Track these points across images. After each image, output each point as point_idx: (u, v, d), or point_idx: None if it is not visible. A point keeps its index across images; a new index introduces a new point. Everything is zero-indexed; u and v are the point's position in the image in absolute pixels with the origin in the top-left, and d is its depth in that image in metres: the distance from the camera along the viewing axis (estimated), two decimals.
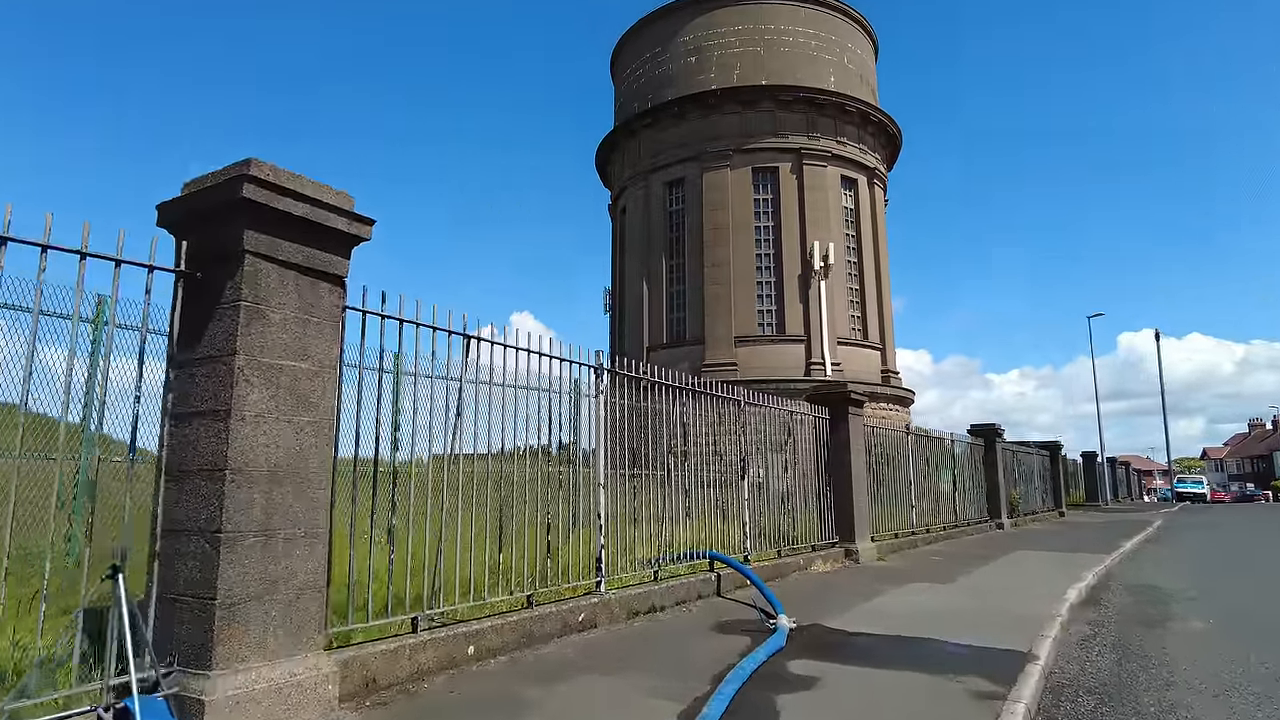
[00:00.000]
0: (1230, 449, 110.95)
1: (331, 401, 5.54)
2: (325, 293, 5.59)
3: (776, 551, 11.87)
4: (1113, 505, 37.52)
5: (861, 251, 40.77)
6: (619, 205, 43.14)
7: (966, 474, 19.32)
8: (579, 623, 7.75)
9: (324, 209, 5.46)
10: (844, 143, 40.17)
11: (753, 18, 40.05)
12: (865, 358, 40.47)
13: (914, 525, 16.51)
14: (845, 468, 13.20)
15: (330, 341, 5.58)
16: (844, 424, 13.22)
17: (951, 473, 18.23)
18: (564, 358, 8.34)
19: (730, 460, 10.97)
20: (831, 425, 13.24)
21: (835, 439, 13.22)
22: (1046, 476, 26.79)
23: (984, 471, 20.58)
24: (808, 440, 12.66)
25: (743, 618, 8.81)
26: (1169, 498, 53.56)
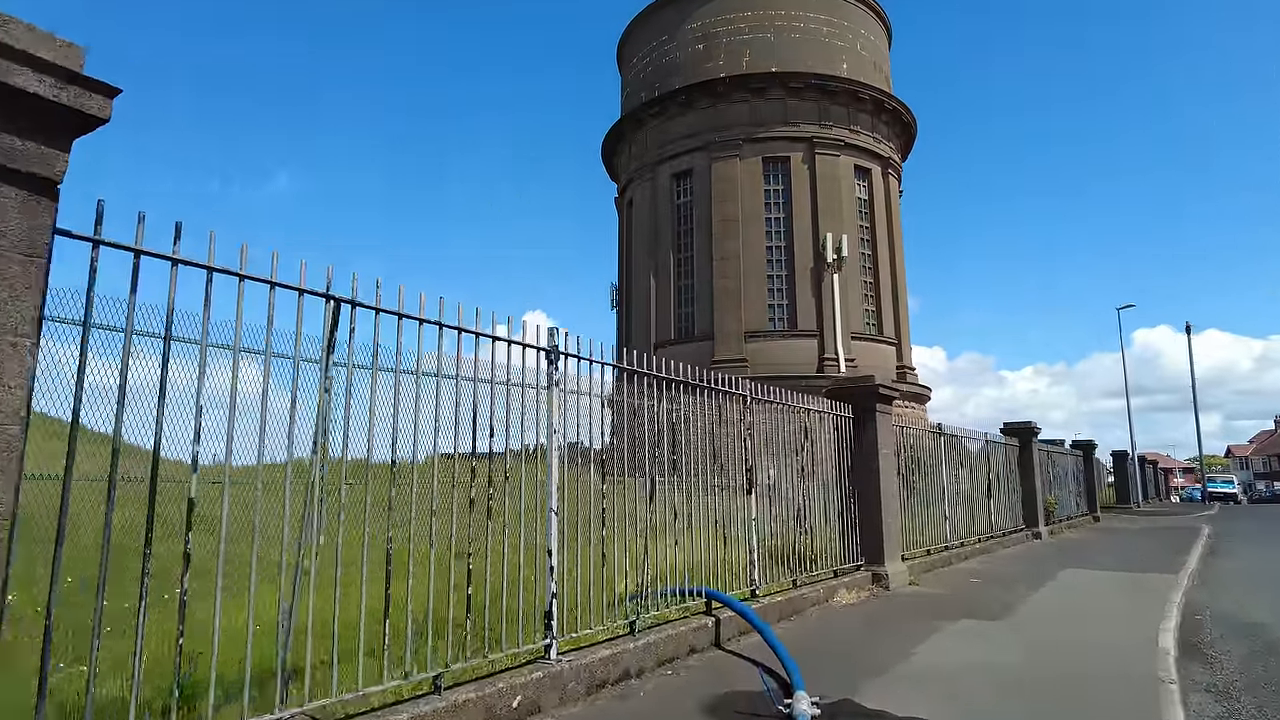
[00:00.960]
0: (1256, 446, 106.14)
1: (20, 381, 3.11)
2: (12, 206, 3.16)
3: (791, 581, 9.28)
4: (1145, 507, 34.53)
5: (876, 244, 38.14)
6: (626, 198, 40.66)
7: (1002, 478, 16.75)
8: (512, 710, 5.29)
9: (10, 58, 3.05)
10: (857, 131, 37.53)
11: (763, 3, 37.42)
12: (880, 353, 37.83)
13: (948, 539, 13.92)
14: (873, 476, 10.60)
15: (20, 284, 3.14)
16: (871, 424, 10.63)
17: (987, 477, 15.68)
18: (498, 336, 5.85)
19: (734, 468, 8.51)
20: (856, 426, 10.65)
21: (861, 442, 10.64)
22: (1080, 479, 24.01)
23: (1019, 475, 17.97)
24: (828, 444, 10.13)
25: (748, 688, 6.26)
26: (1196, 497, 50.40)
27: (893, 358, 38.30)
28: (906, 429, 12.33)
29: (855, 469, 10.59)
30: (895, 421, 11.70)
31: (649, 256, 38.22)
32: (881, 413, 10.76)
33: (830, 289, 35.63)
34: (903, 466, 11.71)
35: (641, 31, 39.84)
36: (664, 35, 38.58)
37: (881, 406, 10.81)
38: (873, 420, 10.53)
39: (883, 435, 10.73)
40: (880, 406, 10.74)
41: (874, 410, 10.59)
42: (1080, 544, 18.38)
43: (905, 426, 12.35)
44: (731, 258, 36.08)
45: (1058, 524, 20.16)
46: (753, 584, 8.55)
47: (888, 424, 11.01)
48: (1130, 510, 31.27)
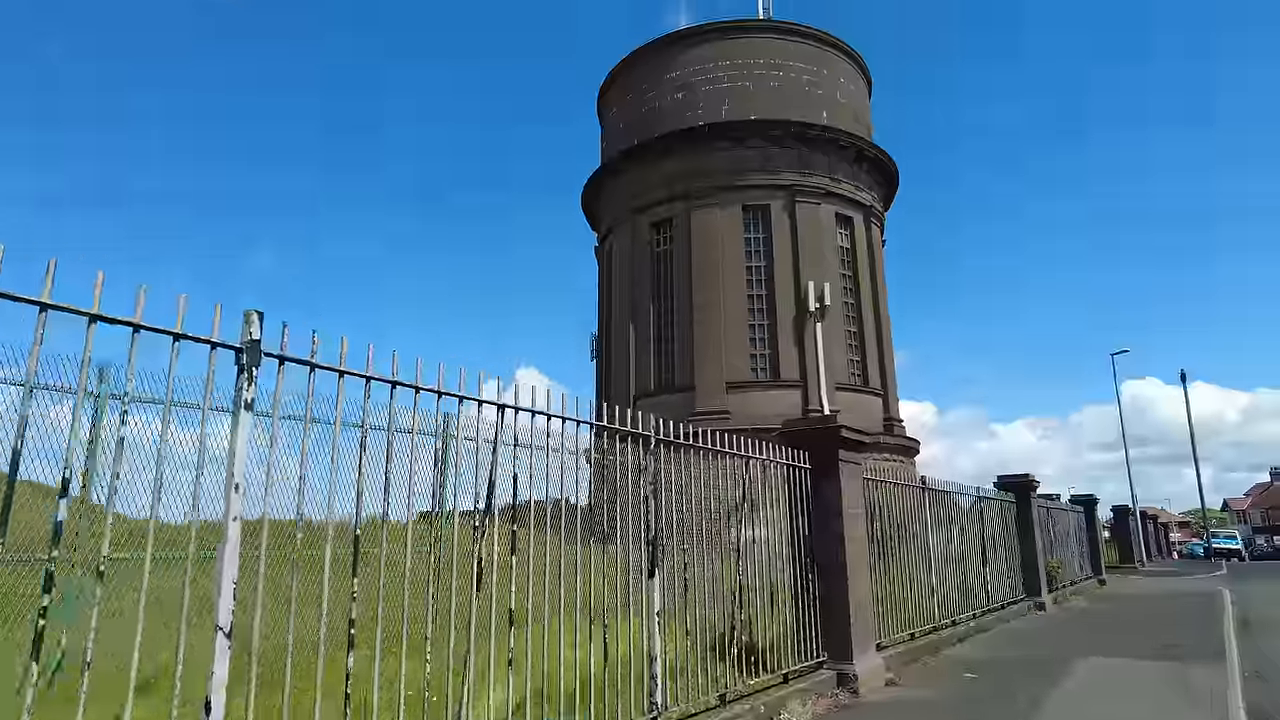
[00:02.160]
0: (1252, 500, 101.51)
1: None
2: None
3: (719, 696, 6.38)
4: (1150, 566, 31.14)
5: (859, 292, 35.67)
6: (605, 247, 38.36)
7: (998, 539, 13.85)
8: None
9: None
10: (838, 180, 35.34)
11: (742, 53, 35.62)
12: (866, 404, 35.05)
13: (935, 618, 10.94)
14: (836, 543, 7.70)
15: None
16: (833, 476, 7.80)
17: (980, 539, 12.80)
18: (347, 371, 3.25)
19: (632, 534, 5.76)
20: (815, 478, 7.97)
21: (821, 499, 7.83)
22: (1083, 538, 20.92)
23: (1017, 535, 15.06)
24: (777, 502, 7.43)
25: None
26: (1198, 554, 46.76)
27: (879, 409, 35.56)
28: (881, 483, 9.47)
29: (814, 534, 7.77)
30: (868, 474, 8.92)
31: (628, 306, 35.74)
32: (847, 462, 7.91)
33: (813, 338, 33.09)
34: (878, 529, 8.88)
35: (621, 81, 38.00)
36: (643, 85, 36.71)
37: (847, 455, 7.98)
38: (835, 472, 7.66)
39: (849, 490, 7.90)
40: (845, 455, 7.90)
41: (837, 459, 7.77)
42: (1093, 617, 15.25)
43: (880, 480, 9.47)
44: (712, 306, 33.60)
45: (1062, 589, 17.13)
46: (654, 709, 5.70)
47: (856, 476, 8.15)
48: (1136, 570, 27.93)
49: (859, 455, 8.08)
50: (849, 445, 8.29)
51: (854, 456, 8.37)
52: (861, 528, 7.97)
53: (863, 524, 8.03)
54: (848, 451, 8.20)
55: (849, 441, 8.25)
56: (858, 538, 8.09)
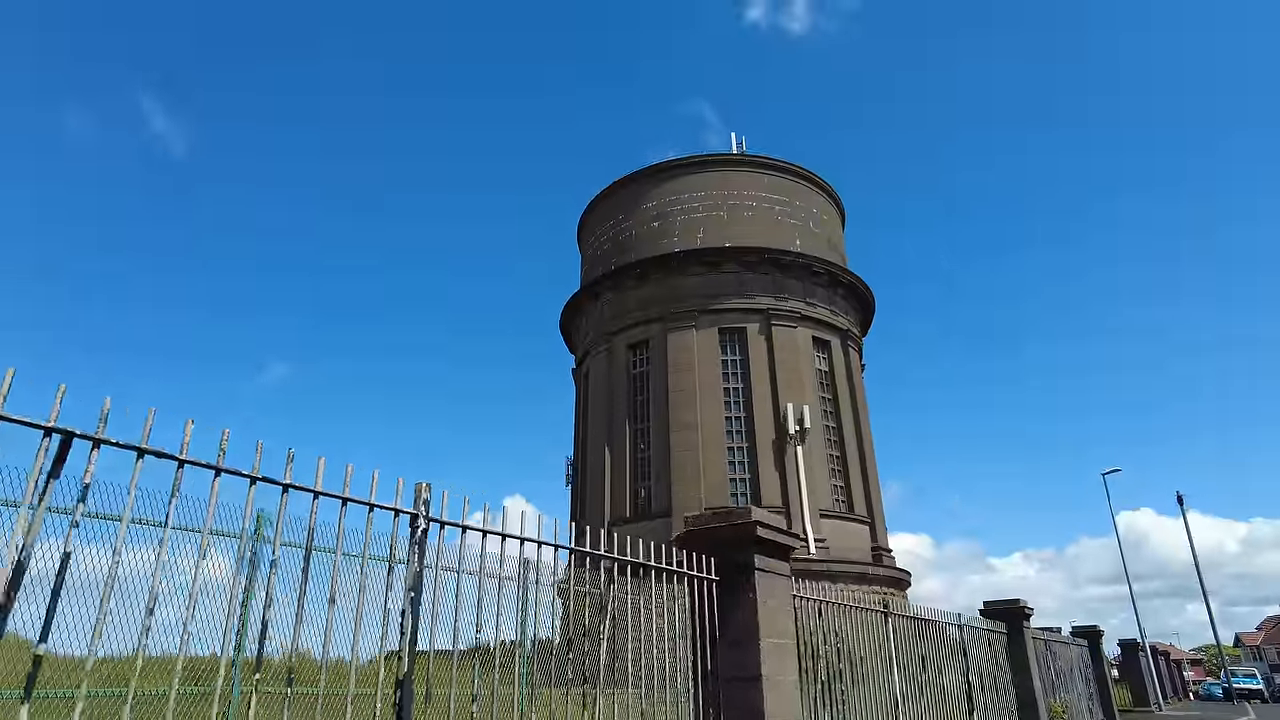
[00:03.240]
0: (1265, 635, 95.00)
1: None
2: None
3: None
4: (1168, 710, 27.38)
5: (840, 416, 33.94)
6: (583, 370, 36.92)
7: (986, 678, 11.35)
8: None
9: None
10: (813, 304, 34.34)
11: (716, 184, 35.48)
12: (853, 533, 32.57)
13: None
14: (750, 687, 5.36)
15: None
16: (747, 591, 5.52)
17: (965, 679, 10.38)
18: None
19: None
20: (721, 594, 5.92)
21: (729, 623, 5.61)
22: (1089, 676, 17.92)
23: (1009, 671, 12.51)
24: (662, 629, 5.27)
25: None
26: (1216, 695, 42.31)
27: (867, 538, 33.05)
28: (823, 604, 7.20)
29: (718, 671, 5.53)
30: (807, 592, 6.72)
31: (604, 428, 33.91)
32: (768, 573, 5.71)
33: (794, 462, 31.08)
34: (822, 667, 6.63)
35: (600, 210, 37.77)
36: (620, 214, 36.38)
37: (768, 563, 5.79)
38: (749, 585, 5.52)
39: (769, 612, 5.63)
40: (765, 563, 5.74)
41: (752, 568, 5.59)
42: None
43: (820, 600, 7.19)
44: (689, 429, 31.77)
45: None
46: None
47: (781, 593, 5.90)
48: (1152, 715, 24.41)
49: (785, 563, 5.96)
50: (771, 550, 5.86)
51: (776, 565, 5.93)
52: (791, 665, 5.75)
53: (793, 659, 5.80)
54: (769, 558, 5.81)
55: (770, 545, 5.80)
56: (782, 680, 5.60)
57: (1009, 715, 11.59)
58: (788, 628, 5.64)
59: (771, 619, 5.50)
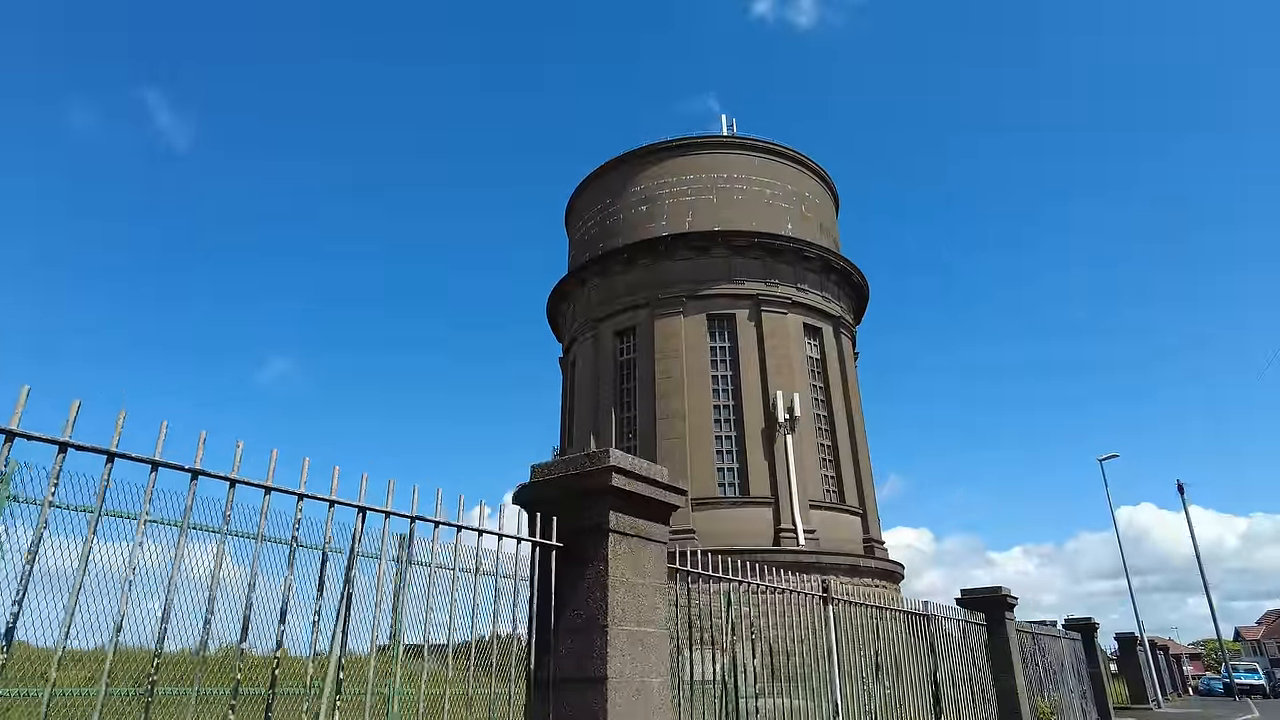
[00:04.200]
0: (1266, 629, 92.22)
1: None
2: None
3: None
4: (1168, 707, 25.52)
5: (831, 405, 32.30)
6: (569, 357, 35.47)
7: (959, 675, 9.77)
8: None
9: None
10: (805, 290, 32.72)
11: (705, 167, 33.89)
12: (844, 524, 30.95)
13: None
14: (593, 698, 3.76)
15: None
16: (595, 567, 4.02)
17: (933, 679, 8.89)
18: None
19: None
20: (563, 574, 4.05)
21: (570, 612, 4.06)
22: (1083, 671, 16.24)
23: (988, 668, 10.90)
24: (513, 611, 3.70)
25: None
26: (1216, 690, 40.32)
27: (858, 529, 31.43)
28: (734, 582, 5.50)
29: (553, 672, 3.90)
30: (712, 568, 5.15)
31: (590, 416, 32.44)
32: (629, 538, 4.22)
33: (784, 451, 29.49)
34: (728, 662, 5.07)
35: (587, 195, 36.28)
36: (608, 198, 34.86)
37: (630, 523, 4.22)
38: (600, 554, 4.05)
39: (628, 591, 3.81)
40: (624, 523, 4.17)
41: (604, 531, 4.06)
42: None
43: (724, 578, 5.49)
44: (676, 417, 30.25)
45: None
46: None
47: (653, 566, 4.35)
48: (1150, 712, 22.57)
49: (658, 528, 4.42)
50: (637, 507, 4.21)
51: (650, 529, 4.33)
52: (659, 662, 4.16)
53: (662, 655, 4.18)
54: (634, 518, 4.19)
55: (635, 501, 4.18)
56: (643, 683, 3.97)
57: (986, 714, 10.00)
58: (657, 613, 4.12)
59: (631, 600, 3.98)
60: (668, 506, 4.38)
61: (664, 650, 4.11)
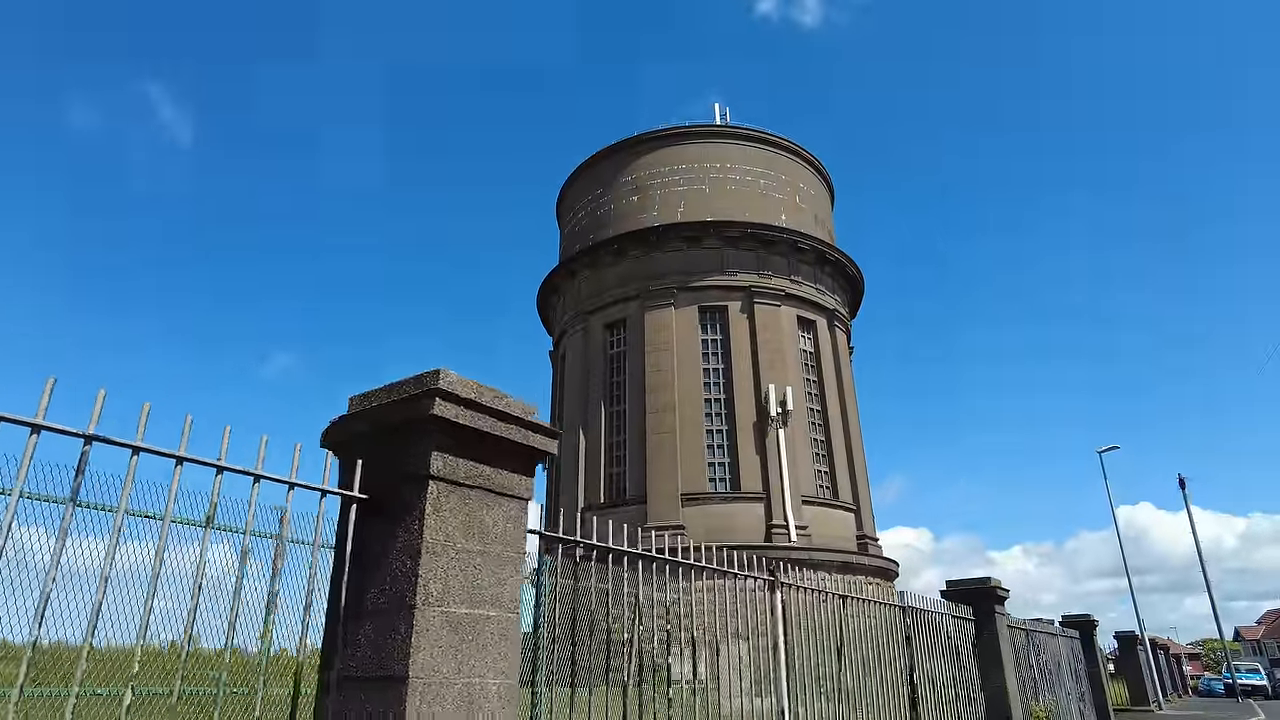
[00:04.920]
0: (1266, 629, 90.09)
1: None
2: None
3: None
4: (1169, 709, 24.16)
5: (825, 399, 31.12)
6: (559, 351, 34.38)
7: (942, 673, 8.56)
8: None
9: None
10: (798, 282, 31.56)
11: (698, 156, 32.77)
12: (838, 520, 29.76)
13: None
14: (388, 706, 2.66)
15: None
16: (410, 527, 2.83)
17: (908, 677, 7.82)
18: None
19: None
20: (369, 535, 2.68)
21: (371, 587, 2.89)
22: (1081, 671, 14.95)
23: (975, 667, 9.69)
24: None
25: None
26: (1216, 690, 38.79)
27: (852, 526, 30.23)
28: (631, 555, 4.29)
29: (344, 666, 2.80)
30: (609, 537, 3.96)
31: (580, 411, 31.32)
32: (464, 488, 3.01)
33: (776, 446, 28.33)
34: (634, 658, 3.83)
35: (578, 186, 35.20)
36: (599, 189, 33.76)
37: (466, 469, 3.03)
38: (417, 509, 2.82)
39: (458, 559, 2.94)
40: (457, 468, 2.98)
41: (424, 479, 2.86)
42: None
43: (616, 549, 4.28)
44: (666, 411, 29.11)
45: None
46: None
47: (504, 529, 3.18)
48: (1152, 714, 21.22)
49: (515, 479, 3.24)
50: (472, 448, 3.07)
51: (501, 480, 3.16)
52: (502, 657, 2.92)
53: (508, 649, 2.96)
54: (473, 463, 3.07)
55: (471, 439, 3.06)
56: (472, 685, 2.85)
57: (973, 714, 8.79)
58: (503, 591, 2.99)
59: (460, 571, 2.85)
60: (530, 452, 3.26)
61: (513, 642, 2.99)
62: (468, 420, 2.96)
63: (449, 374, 2.94)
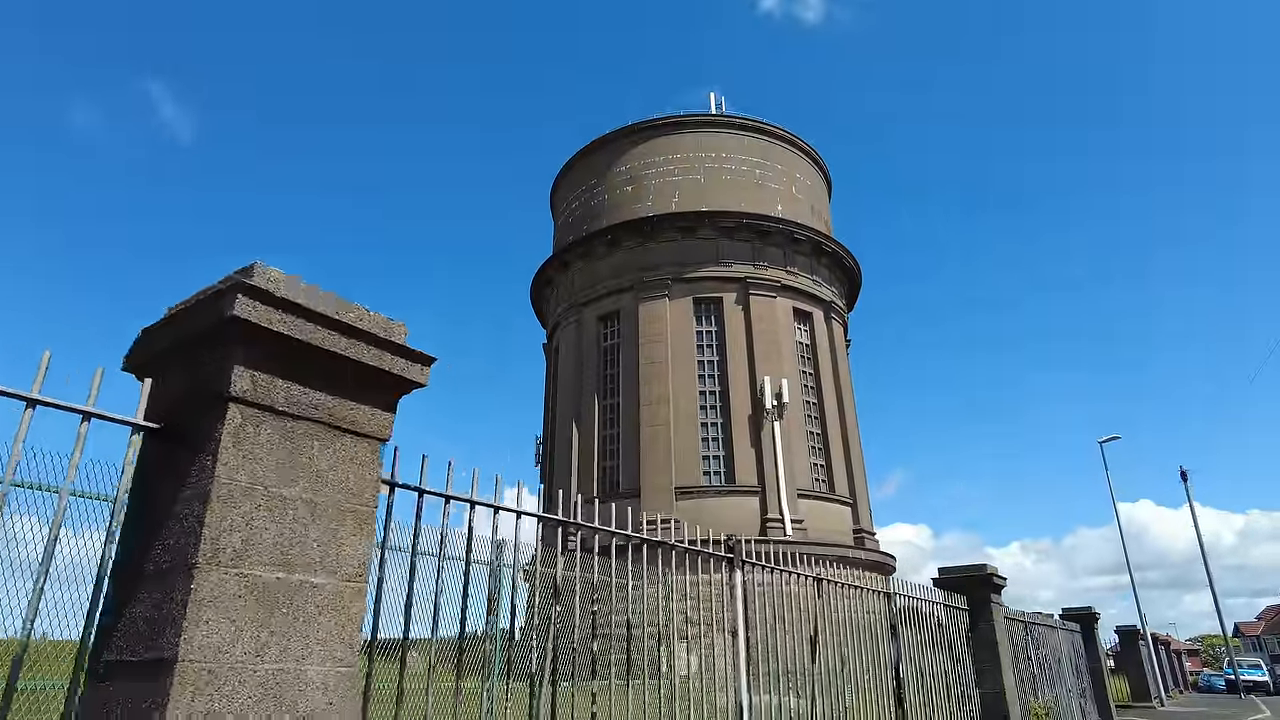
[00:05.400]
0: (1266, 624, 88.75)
1: None
2: None
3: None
4: (1171, 705, 23.35)
5: (821, 392, 30.38)
6: (553, 343, 33.68)
7: (932, 666, 7.80)
8: None
9: None
10: (794, 273, 30.82)
11: (693, 146, 32.03)
12: (834, 514, 29.04)
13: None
14: (150, 698, 1.91)
15: None
16: (202, 464, 2.14)
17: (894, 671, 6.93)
18: None
19: None
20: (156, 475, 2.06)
21: (153, 543, 2.22)
22: (1081, 668, 14.17)
23: (970, 660, 8.97)
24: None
25: None
26: (1218, 686, 37.91)
27: (848, 519, 29.51)
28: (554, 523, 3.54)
29: (113, 647, 2.04)
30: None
31: (573, 404, 30.62)
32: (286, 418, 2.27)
33: (771, 439, 27.62)
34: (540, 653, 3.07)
35: (572, 176, 34.47)
36: (593, 179, 33.04)
37: (287, 392, 2.26)
38: (211, 440, 2.10)
39: (269, 506, 2.22)
40: (273, 390, 2.23)
41: (224, 402, 2.12)
42: None
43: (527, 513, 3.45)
44: (660, 403, 28.41)
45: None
46: None
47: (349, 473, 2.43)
48: (1154, 710, 20.38)
49: (364, 411, 2.54)
50: (309, 367, 2.33)
51: (339, 410, 2.39)
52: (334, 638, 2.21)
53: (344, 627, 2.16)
54: (296, 385, 2.30)
55: (304, 353, 2.29)
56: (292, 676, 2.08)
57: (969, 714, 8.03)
58: (340, 552, 2.27)
59: (271, 524, 2.13)
60: (391, 380, 2.54)
61: (350, 618, 2.28)
62: (293, 330, 2.25)
63: (268, 269, 2.23)
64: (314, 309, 2.31)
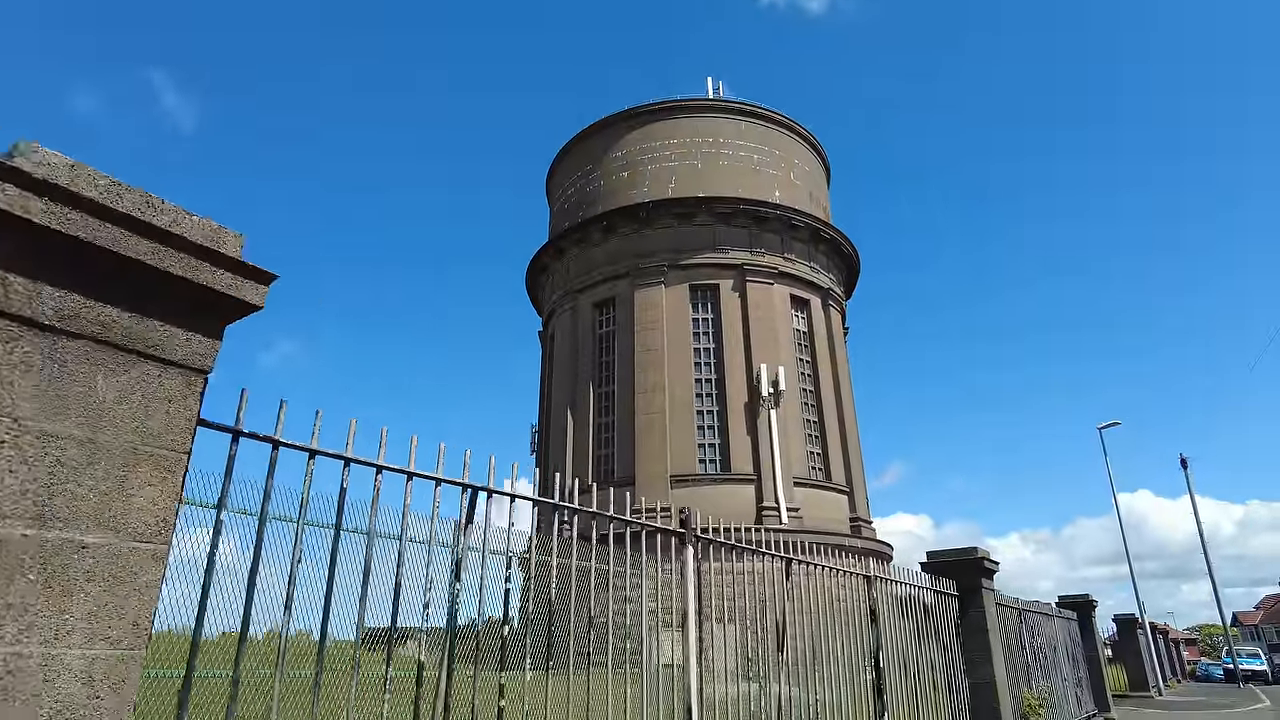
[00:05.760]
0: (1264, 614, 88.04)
1: None
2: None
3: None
4: (1169, 695, 22.77)
5: (819, 380, 29.84)
6: (548, 331, 33.17)
7: (917, 655, 7.29)
8: None
9: None
10: (792, 259, 30.25)
11: (689, 131, 31.41)
12: (830, 502, 28.57)
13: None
14: None
15: None
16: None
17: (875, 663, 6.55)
18: None
19: None
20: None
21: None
22: (1078, 656, 13.64)
23: (959, 654, 8.64)
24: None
25: None
26: (1216, 675, 37.44)
27: (845, 507, 29.02)
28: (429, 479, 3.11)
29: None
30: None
31: (568, 392, 30.15)
32: (17, 323, 1.72)
33: (767, 427, 27.12)
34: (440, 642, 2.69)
35: (567, 162, 33.87)
36: (589, 164, 32.45)
37: (23, 291, 1.73)
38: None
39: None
40: (11, 281, 1.74)
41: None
42: None
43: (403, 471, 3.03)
44: (655, 391, 27.92)
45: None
46: None
47: (149, 397, 1.91)
48: (1152, 700, 19.85)
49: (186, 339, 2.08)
50: (81, 269, 1.80)
51: (138, 331, 1.85)
52: (114, 614, 1.70)
53: (130, 599, 1.70)
54: (73, 295, 1.77)
55: (74, 250, 1.76)
56: (76, 666, 1.62)
57: (955, 711, 7.54)
58: (132, 506, 1.77)
59: (32, 469, 1.64)
60: (210, 296, 2.04)
61: (139, 589, 1.78)
62: (66, 225, 1.74)
63: (43, 151, 1.72)
64: (104, 202, 1.80)
